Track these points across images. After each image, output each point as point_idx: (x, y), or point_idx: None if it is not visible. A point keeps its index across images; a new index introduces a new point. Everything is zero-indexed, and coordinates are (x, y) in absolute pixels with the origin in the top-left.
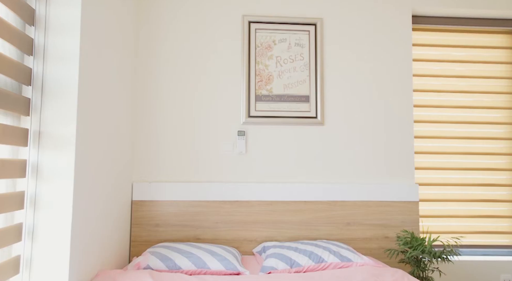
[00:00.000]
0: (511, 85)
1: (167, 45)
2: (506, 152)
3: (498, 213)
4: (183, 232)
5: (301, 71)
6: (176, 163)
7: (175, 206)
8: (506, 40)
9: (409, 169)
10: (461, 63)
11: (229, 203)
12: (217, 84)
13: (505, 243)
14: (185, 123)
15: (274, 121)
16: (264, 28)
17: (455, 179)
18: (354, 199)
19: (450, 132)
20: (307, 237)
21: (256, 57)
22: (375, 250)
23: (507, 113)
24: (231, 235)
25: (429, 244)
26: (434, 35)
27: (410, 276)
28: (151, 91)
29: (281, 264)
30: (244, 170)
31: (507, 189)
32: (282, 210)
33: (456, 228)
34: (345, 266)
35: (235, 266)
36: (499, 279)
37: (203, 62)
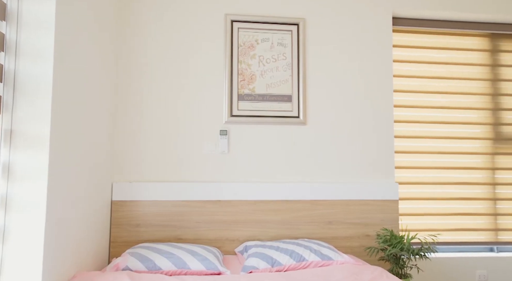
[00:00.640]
0: (486, 86)
1: (150, 43)
2: (482, 151)
3: (474, 211)
4: (165, 232)
5: (283, 70)
6: (158, 163)
7: (156, 206)
8: (483, 43)
9: (389, 168)
10: (439, 64)
11: (211, 203)
12: (199, 83)
13: (481, 240)
14: (167, 122)
15: (256, 120)
16: (247, 27)
17: (433, 178)
18: (335, 198)
19: (429, 132)
20: (289, 236)
21: (239, 56)
22: (356, 248)
23: (482, 113)
24: (213, 235)
25: (408, 242)
26: (413, 37)
27: (388, 274)
28: (133, 90)
29: (262, 264)
30: (227, 169)
31: (483, 187)
32: (264, 209)
33: (434, 226)
34: (325, 265)
35: (216, 266)
36: (475, 274)
37: (185, 60)
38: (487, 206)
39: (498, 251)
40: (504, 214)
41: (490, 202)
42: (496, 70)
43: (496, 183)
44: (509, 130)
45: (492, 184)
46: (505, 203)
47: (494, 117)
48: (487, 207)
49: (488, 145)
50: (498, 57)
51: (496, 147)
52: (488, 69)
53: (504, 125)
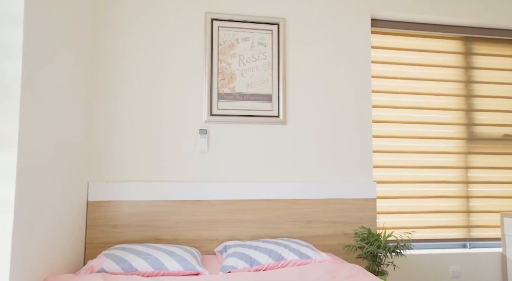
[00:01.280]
0: (460, 88)
1: (128, 40)
2: (456, 151)
3: (448, 209)
4: (142, 233)
5: (264, 70)
6: (136, 162)
7: (134, 206)
8: (457, 46)
9: (368, 167)
10: (416, 66)
11: (191, 203)
12: (179, 82)
13: (454, 237)
14: (146, 121)
15: (236, 119)
16: (227, 26)
17: (410, 177)
18: (315, 197)
19: (406, 132)
20: (269, 236)
21: (219, 55)
22: (335, 246)
23: (456, 114)
24: (192, 235)
25: (384, 240)
26: (391, 39)
27: (365, 271)
28: (110, 88)
29: (241, 263)
30: (206, 169)
31: (457, 185)
32: (244, 209)
33: (410, 224)
34: (304, 263)
35: (194, 267)
36: (448, 270)
37: (164, 58)
38: (460, 204)
39: (470, 247)
40: (476, 211)
41: (463, 200)
42: (470, 72)
43: (469, 181)
44: (481, 130)
45: (465, 183)
46: (477, 201)
47: (467, 118)
48: (460, 205)
49: (462, 145)
50: (471, 59)
51: (469, 146)
52: (462, 71)
53: (477, 125)
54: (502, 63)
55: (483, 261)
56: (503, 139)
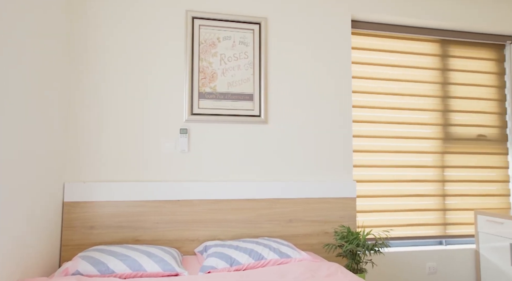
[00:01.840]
0: (437, 89)
1: (107, 38)
2: (433, 150)
3: (425, 207)
4: (121, 234)
5: (245, 69)
6: (114, 162)
7: (112, 207)
8: (434, 48)
9: (348, 166)
10: (394, 67)
11: (171, 203)
12: (159, 80)
13: (431, 234)
14: (124, 120)
15: (217, 119)
16: (208, 24)
17: (388, 176)
18: (296, 196)
19: (385, 132)
20: (250, 235)
21: (200, 54)
22: (315, 245)
23: (434, 114)
24: (173, 235)
25: (363, 238)
26: (371, 40)
27: (344, 269)
28: (88, 86)
29: (221, 263)
30: (187, 168)
31: (433, 184)
32: (225, 208)
33: (388, 222)
34: (284, 262)
35: (173, 267)
36: (425, 267)
37: (144, 56)
38: (437, 202)
39: (446, 244)
40: (452, 209)
41: (439, 198)
42: (446, 74)
43: (445, 180)
44: (456, 130)
45: (441, 181)
46: (452, 199)
47: (444, 118)
48: (437, 203)
49: (439, 145)
50: (448, 61)
51: (446, 146)
52: (438, 72)
53: (452, 126)
54: (476, 65)
55: (458, 258)
56: (477, 139)
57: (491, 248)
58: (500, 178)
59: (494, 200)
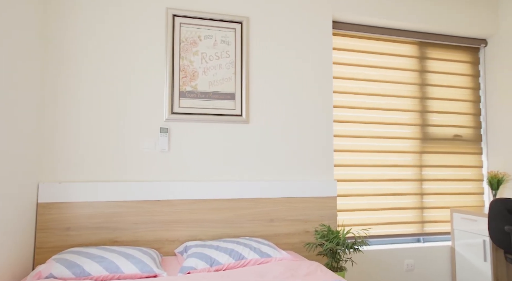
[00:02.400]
0: (415, 90)
1: (83, 34)
2: (411, 150)
3: (403, 205)
4: (99, 235)
5: (226, 68)
6: (92, 162)
7: (89, 208)
8: (413, 50)
9: (329, 166)
10: (375, 68)
11: (150, 203)
12: (138, 79)
13: (409, 232)
14: (103, 118)
15: (198, 118)
16: (189, 23)
17: (368, 175)
18: (277, 196)
19: (365, 132)
20: (231, 235)
21: (181, 52)
22: (296, 244)
23: (412, 115)
24: (152, 236)
25: (343, 236)
26: (352, 41)
27: (323, 268)
28: (64, 85)
29: (201, 264)
30: (167, 168)
31: (412, 183)
32: (206, 208)
33: (368, 220)
34: (264, 262)
35: (151, 269)
36: (403, 264)
37: (124, 54)
38: (415, 201)
39: (423, 241)
40: (429, 207)
41: (417, 197)
42: (424, 76)
43: (423, 179)
44: (434, 130)
45: (419, 180)
46: (430, 198)
47: (422, 119)
48: (415, 202)
49: (417, 144)
50: (425, 63)
51: (423, 146)
52: (417, 74)
53: (430, 126)
54: (453, 67)
55: (435, 254)
56: (453, 139)
57: (465, 245)
58: (475, 177)
59: (469, 198)
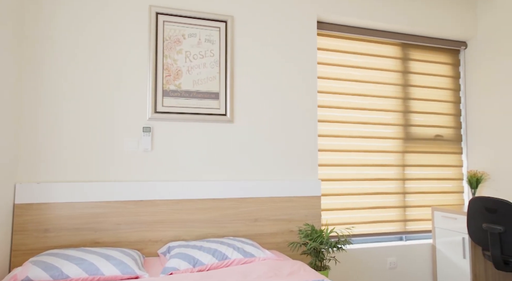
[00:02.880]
0: (398, 90)
1: (65, 29)
2: (394, 150)
3: (387, 204)
4: (79, 237)
5: (211, 67)
6: (73, 162)
7: (69, 209)
8: (396, 51)
9: (313, 165)
10: (359, 68)
11: (133, 203)
12: (121, 77)
13: (391, 230)
14: (84, 117)
15: (182, 117)
16: (173, 21)
17: (352, 175)
18: (261, 195)
19: (349, 132)
20: (214, 235)
21: (164, 51)
22: (281, 244)
23: (395, 115)
24: (135, 237)
25: (326, 236)
26: (336, 41)
27: (307, 267)
28: (43, 83)
29: (184, 264)
30: (150, 168)
31: (394, 182)
32: (190, 208)
33: (351, 219)
34: (248, 262)
35: (133, 270)
36: (386, 262)
37: (105, 51)
38: (398, 200)
39: (406, 239)
40: (411, 206)
41: (400, 196)
42: (406, 76)
43: (405, 178)
44: (416, 130)
45: (402, 180)
46: (412, 197)
47: (404, 119)
48: (397, 201)
49: (399, 144)
50: (408, 64)
51: (406, 146)
52: (399, 75)
53: (412, 126)
54: (434, 69)
55: (417, 252)
56: (435, 139)
57: (446, 243)
58: (455, 176)
59: (450, 197)
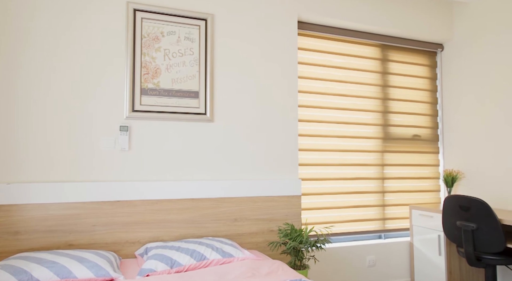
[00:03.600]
0: (378, 91)
1: (39, 29)
2: (374, 149)
3: (366, 203)
4: (52, 239)
5: (190, 66)
6: (46, 161)
7: (42, 210)
8: (375, 52)
9: (293, 165)
10: (339, 69)
11: (109, 204)
12: (97, 75)
13: (371, 229)
14: (58, 116)
15: (161, 116)
16: (152, 18)
17: (332, 174)
18: (241, 195)
19: (329, 131)
20: (194, 235)
21: (142, 48)
22: (261, 243)
23: (375, 115)
24: (111, 238)
25: (306, 235)
26: (317, 42)
27: (285, 266)
28: (14, 80)
29: (161, 265)
30: (127, 168)
31: (374, 181)
32: (169, 208)
33: (332, 218)
34: (226, 262)
35: (107, 272)
36: (365, 260)
37: (81, 48)
38: (377, 199)
39: (385, 237)
40: (390, 205)
41: (379, 195)
42: (385, 77)
43: (384, 177)
44: (395, 130)
45: (381, 179)
46: (391, 195)
47: (384, 119)
48: (377, 199)
49: (379, 144)
50: (387, 65)
51: (385, 145)
52: (379, 75)
53: (391, 126)
54: (412, 70)
55: (395, 250)
56: (413, 139)
57: (423, 240)
58: (432, 175)
59: (427, 195)
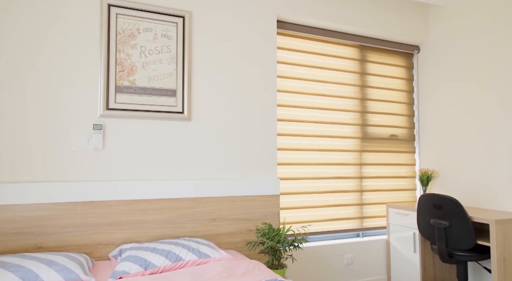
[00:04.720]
0: (356, 91)
1: (10, 25)
2: (353, 149)
3: (345, 202)
4: (20, 242)
5: (167, 64)
6: (12, 160)
7: (7, 212)
8: (354, 52)
9: (272, 164)
10: (318, 68)
11: (82, 204)
12: (69, 71)
13: (349, 228)
14: (27, 113)
15: (136, 115)
16: (127, 14)
17: (311, 173)
18: (219, 195)
19: (308, 131)
20: (170, 236)
21: (117, 45)
22: (239, 243)
23: (353, 115)
24: (84, 240)
25: (283, 234)
26: (297, 41)
27: (262, 266)
28: None
29: (135, 267)
30: (101, 167)
31: (352, 181)
32: (144, 209)
33: (311, 217)
34: (202, 263)
35: (77, 275)
36: (344, 258)
37: (51, 43)
38: (355, 197)
39: (363, 236)
40: (368, 203)
41: (357, 194)
42: (364, 78)
43: (362, 176)
44: (372, 130)
45: (359, 178)
46: (369, 194)
47: (362, 119)
48: (355, 198)
49: (357, 143)
50: (365, 66)
51: (363, 145)
52: (358, 76)
53: (369, 126)
54: (390, 71)
55: (372, 248)
56: (390, 138)
57: (399, 238)
58: (409, 174)
59: (404, 194)
